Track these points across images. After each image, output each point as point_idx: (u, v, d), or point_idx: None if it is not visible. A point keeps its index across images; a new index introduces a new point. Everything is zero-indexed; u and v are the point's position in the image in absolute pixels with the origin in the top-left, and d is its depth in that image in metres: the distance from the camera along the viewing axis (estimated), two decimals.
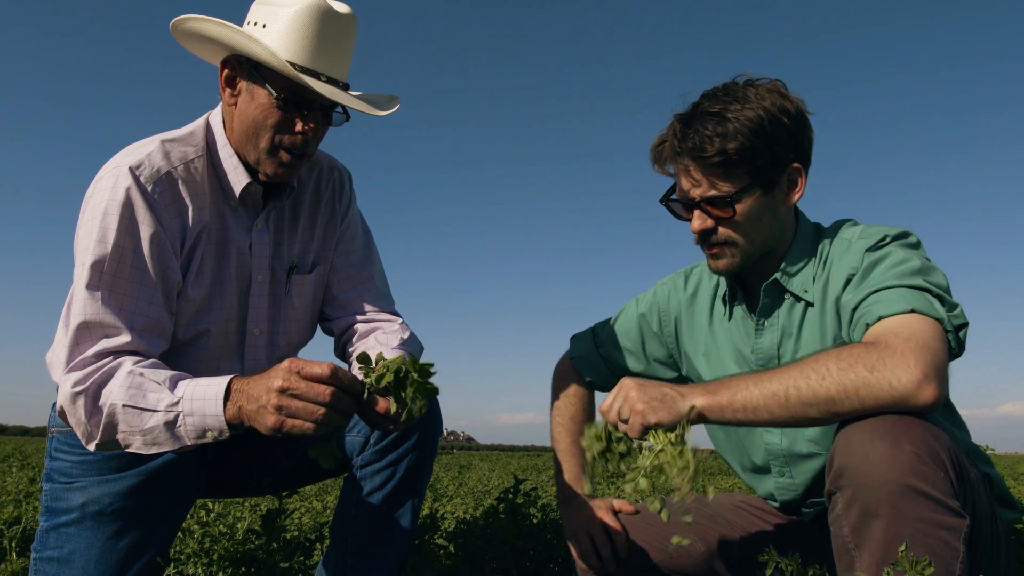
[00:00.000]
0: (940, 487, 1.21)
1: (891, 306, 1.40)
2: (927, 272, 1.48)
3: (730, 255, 1.65)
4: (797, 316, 1.68)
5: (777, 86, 1.62)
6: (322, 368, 1.34)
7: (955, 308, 1.44)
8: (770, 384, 1.35)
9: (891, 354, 1.29)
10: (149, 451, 1.47)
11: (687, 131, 1.59)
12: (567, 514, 1.89)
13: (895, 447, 1.21)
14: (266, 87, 1.61)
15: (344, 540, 1.78)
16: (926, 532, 1.19)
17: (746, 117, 1.55)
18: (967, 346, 1.44)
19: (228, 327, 1.74)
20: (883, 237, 1.58)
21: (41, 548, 1.68)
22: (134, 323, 1.53)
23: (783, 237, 1.69)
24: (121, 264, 1.52)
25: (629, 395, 1.41)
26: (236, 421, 1.41)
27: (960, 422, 1.69)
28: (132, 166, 1.56)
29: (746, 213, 1.60)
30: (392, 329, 1.85)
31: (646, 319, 1.97)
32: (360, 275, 1.93)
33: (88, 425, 1.47)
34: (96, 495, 1.67)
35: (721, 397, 1.37)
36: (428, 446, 1.80)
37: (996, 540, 1.43)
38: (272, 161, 1.66)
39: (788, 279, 1.67)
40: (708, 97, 1.62)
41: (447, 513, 4.45)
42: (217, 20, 1.61)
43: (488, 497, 6.15)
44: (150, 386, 1.44)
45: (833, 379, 1.30)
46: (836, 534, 1.29)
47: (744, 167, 1.57)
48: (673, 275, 2.00)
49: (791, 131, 1.59)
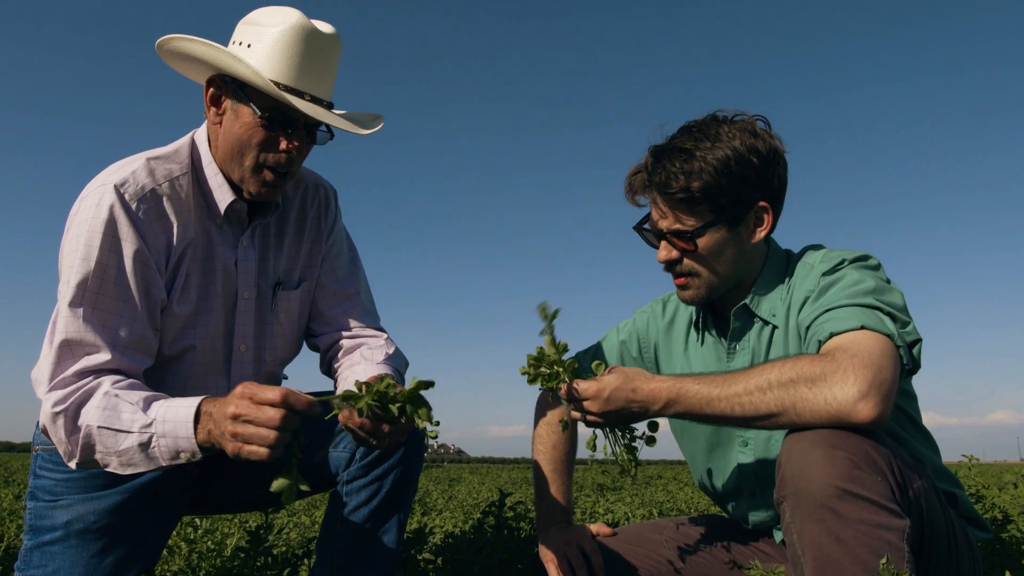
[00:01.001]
0: (877, 490, 1.24)
1: (842, 323, 1.43)
2: (880, 292, 1.51)
3: (695, 287, 1.71)
4: (765, 340, 1.72)
5: (752, 124, 1.66)
6: (274, 393, 1.33)
7: (907, 325, 1.47)
8: (719, 402, 1.41)
9: (834, 369, 1.33)
10: (126, 471, 1.47)
11: (656, 165, 1.65)
12: (545, 538, 1.91)
13: (830, 454, 1.25)
14: (251, 106, 1.62)
15: (330, 556, 1.79)
16: (867, 533, 1.21)
17: (714, 156, 1.60)
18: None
19: (215, 343, 1.74)
20: (841, 261, 1.62)
21: (25, 567, 1.67)
22: (116, 341, 1.54)
23: (751, 268, 1.73)
24: (104, 281, 1.53)
25: (596, 407, 1.52)
26: (208, 444, 1.41)
27: (930, 442, 1.72)
28: (117, 184, 1.57)
29: (709, 247, 1.66)
30: (377, 344, 1.86)
31: (626, 346, 2.00)
32: (346, 291, 1.94)
33: (68, 444, 1.48)
34: (81, 513, 1.66)
35: (680, 411, 1.47)
36: (414, 461, 1.80)
37: (955, 550, 1.46)
38: (256, 179, 1.67)
39: (757, 304, 1.72)
40: (683, 132, 1.68)
41: (436, 527, 4.43)
42: (202, 40, 1.63)
43: (478, 510, 6.13)
44: (124, 407, 1.45)
45: (773, 394, 1.36)
46: (789, 543, 1.32)
47: (708, 204, 1.62)
48: (652, 303, 2.04)
49: (759, 170, 1.63)
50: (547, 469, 1.99)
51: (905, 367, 1.43)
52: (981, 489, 3.36)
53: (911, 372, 1.49)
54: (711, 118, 1.69)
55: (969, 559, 1.50)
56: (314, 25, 1.65)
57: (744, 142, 1.62)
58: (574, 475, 2.08)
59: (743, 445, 1.77)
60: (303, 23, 1.63)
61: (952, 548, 1.45)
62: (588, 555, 1.82)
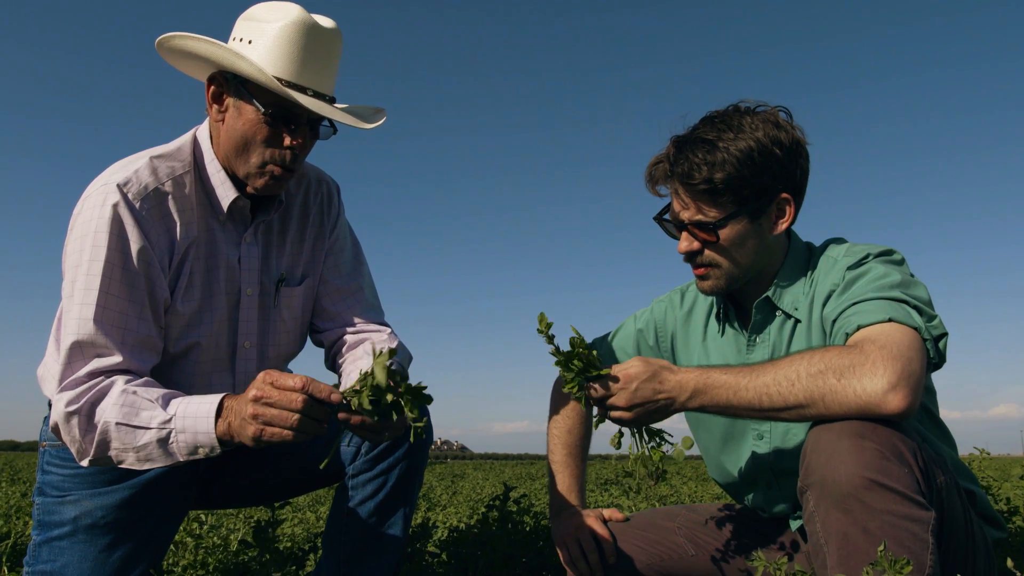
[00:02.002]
0: (904, 482, 1.24)
1: (869, 316, 1.44)
2: (907, 286, 1.52)
3: (715, 277, 1.70)
4: (787, 333, 1.72)
5: (775, 115, 1.65)
6: (295, 380, 1.38)
7: (934, 319, 1.47)
8: (747, 392, 1.41)
9: (862, 361, 1.33)
10: (143, 467, 1.50)
11: (679, 156, 1.64)
12: (557, 523, 1.91)
13: (859, 444, 1.25)
14: (254, 103, 1.62)
15: (336, 550, 1.80)
16: (893, 524, 1.22)
17: (736, 147, 1.59)
18: (950, 356, 1.49)
19: (219, 340, 1.75)
20: (866, 255, 1.62)
21: (34, 562, 1.69)
22: (125, 340, 1.55)
23: (772, 260, 1.73)
24: (112, 281, 1.53)
25: (623, 400, 1.49)
26: (227, 437, 1.44)
27: (948, 438, 1.72)
28: (120, 183, 1.57)
29: (730, 239, 1.65)
30: (381, 340, 1.87)
31: (643, 335, 2.01)
32: (349, 287, 1.95)
33: (82, 443, 1.49)
34: (88, 508, 1.68)
35: (707, 403, 1.46)
36: (419, 455, 1.81)
37: (972, 547, 1.46)
38: (261, 176, 1.68)
39: (779, 297, 1.71)
40: (705, 123, 1.67)
41: (440, 522, 4.45)
42: (203, 37, 1.62)
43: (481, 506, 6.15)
44: (143, 404, 1.47)
45: (802, 385, 1.35)
46: (811, 532, 1.32)
47: (730, 196, 1.61)
48: (670, 292, 2.04)
49: (782, 162, 1.62)
50: (561, 454, 2.00)
51: (931, 360, 1.44)
52: (991, 482, 3.36)
53: (936, 366, 1.49)
54: (734, 109, 1.67)
55: (985, 557, 1.50)
56: (315, 20, 1.65)
57: (767, 133, 1.61)
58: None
59: (758, 438, 1.77)
60: (304, 18, 1.63)
61: (969, 545, 1.45)
62: (599, 540, 1.83)
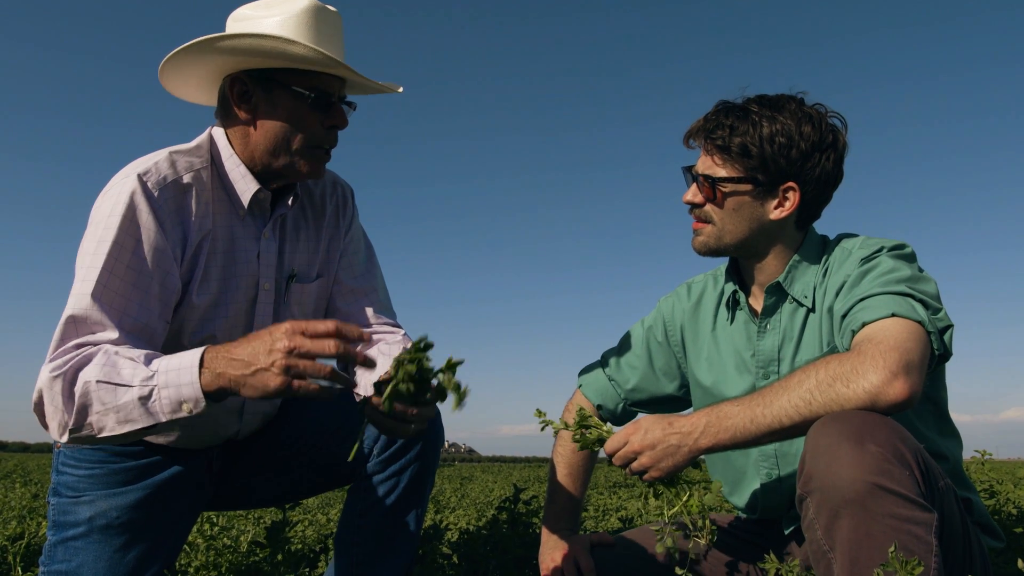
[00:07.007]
0: (906, 485, 1.24)
1: (873, 312, 1.47)
2: (914, 280, 1.54)
3: (706, 234, 1.77)
4: (799, 321, 1.74)
5: (818, 114, 1.71)
6: (326, 325, 1.35)
7: (939, 312, 1.49)
8: (764, 419, 1.41)
9: (862, 361, 1.36)
10: (122, 430, 1.41)
11: (714, 114, 1.75)
12: (543, 551, 1.94)
13: (860, 448, 1.25)
14: (292, 90, 1.65)
15: (349, 550, 1.80)
16: (897, 528, 1.21)
17: (766, 124, 1.67)
18: (960, 360, 1.49)
19: (234, 333, 1.75)
20: (879, 248, 1.64)
21: (49, 562, 1.70)
22: (123, 323, 1.51)
23: (769, 243, 1.76)
24: (118, 263, 1.52)
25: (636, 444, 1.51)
26: (213, 388, 1.38)
27: (955, 436, 1.72)
28: (140, 173, 1.58)
29: (729, 202, 1.72)
30: (395, 340, 1.87)
31: (652, 332, 2.01)
32: (363, 288, 1.96)
33: (64, 411, 1.43)
34: (103, 508, 1.68)
35: (723, 436, 1.45)
36: (431, 456, 1.82)
37: (970, 555, 1.46)
38: (307, 159, 1.71)
39: (790, 283, 1.74)
40: (756, 98, 1.75)
41: (450, 524, 4.45)
42: (236, 33, 1.61)
43: (490, 508, 6.15)
44: (124, 363, 1.42)
45: (818, 402, 1.37)
46: (811, 539, 1.31)
47: (741, 162, 1.69)
48: (676, 288, 2.05)
49: (803, 154, 1.67)
50: (562, 472, 1.99)
51: (936, 352, 1.45)
52: (995, 484, 3.33)
53: (943, 358, 1.50)
54: (787, 95, 1.75)
55: (982, 565, 1.49)
56: (322, 3, 1.69)
57: (800, 125, 1.67)
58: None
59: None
60: (314, 3, 1.67)
61: (967, 552, 1.45)
62: (583, 571, 1.84)
